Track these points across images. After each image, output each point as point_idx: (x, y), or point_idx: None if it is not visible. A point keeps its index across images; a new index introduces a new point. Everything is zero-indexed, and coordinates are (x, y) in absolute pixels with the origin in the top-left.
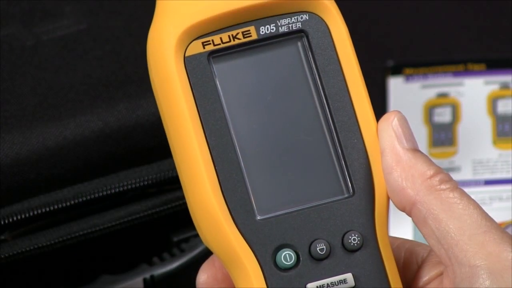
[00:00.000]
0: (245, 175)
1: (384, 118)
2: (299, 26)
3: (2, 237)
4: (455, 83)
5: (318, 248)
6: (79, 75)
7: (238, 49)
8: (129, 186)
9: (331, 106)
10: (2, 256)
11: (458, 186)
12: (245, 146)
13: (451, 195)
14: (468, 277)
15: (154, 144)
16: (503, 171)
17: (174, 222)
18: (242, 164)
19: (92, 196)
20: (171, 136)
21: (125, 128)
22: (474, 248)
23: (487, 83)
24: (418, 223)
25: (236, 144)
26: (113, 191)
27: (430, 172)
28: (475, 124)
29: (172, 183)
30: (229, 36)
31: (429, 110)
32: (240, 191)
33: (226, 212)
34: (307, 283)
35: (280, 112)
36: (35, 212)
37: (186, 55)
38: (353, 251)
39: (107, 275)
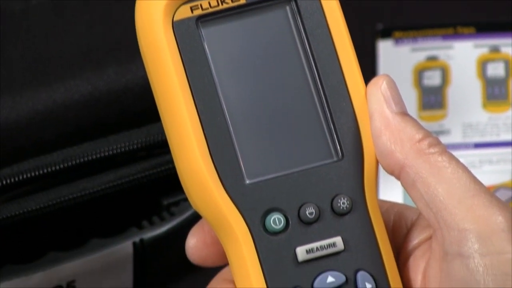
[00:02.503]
0: (234, 139)
1: (373, 82)
2: None
3: None
4: (445, 47)
5: (307, 212)
6: (68, 40)
7: (227, 13)
8: (119, 150)
9: (319, 70)
10: None
11: (446, 150)
12: (233, 110)
13: (439, 158)
14: (456, 241)
15: (144, 108)
16: (492, 134)
17: (163, 186)
18: (230, 128)
19: (82, 160)
20: (160, 101)
21: (114, 92)
22: (462, 212)
23: (476, 46)
24: (407, 187)
25: (225, 109)
26: (102, 155)
27: (418, 135)
28: (465, 88)
29: (161, 147)
30: (217, 0)
31: (419, 73)
32: (229, 155)
33: (215, 176)
34: (296, 247)
35: (269, 77)
36: (24, 176)
37: (174, 19)
38: (342, 214)
39: (97, 239)
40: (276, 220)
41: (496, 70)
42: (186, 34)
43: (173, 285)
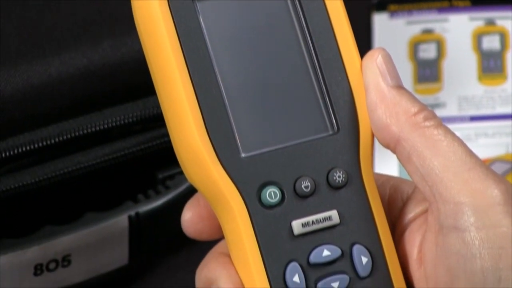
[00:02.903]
0: (230, 112)
1: (368, 55)
2: None
3: None
4: (440, 19)
5: (303, 185)
6: (63, 13)
7: None
8: (114, 124)
9: (315, 44)
10: None
11: (442, 123)
12: (229, 84)
13: (435, 132)
14: (452, 214)
15: (139, 81)
16: (488, 107)
17: (159, 159)
18: (226, 101)
19: (77, 134)
20: (155, 75)
21: (109, 66)
22: (458, 185)
23: (472, 19)
24: (403, 160)
25: (220, 82)
26: (97, 128)
27: (414, 109)
28: (460, 61)
29: (157, 120)
30: None
31: (414, 46)
32: (224, 128)
33: (211, 149)
34: (292, 220)
35: (264, 50)
36: (20, 150)
37: None
38: (337, 188)
39: (92, 213)
40: (271, 194)
41: (491, 43)
42: (181, 8)
43: (169, 258)
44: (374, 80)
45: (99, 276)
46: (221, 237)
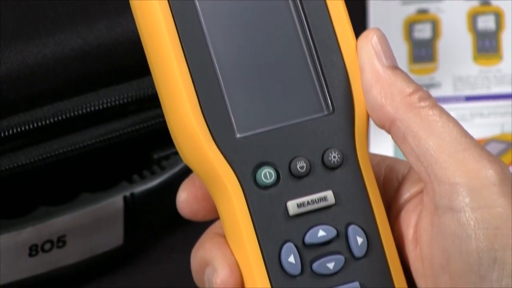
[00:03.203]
0: (225, 93)
1: (363, 35)
2: None
3: None
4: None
5: (298, 166)
6: None
7: None
8: (109, 104)
9: (310, 24)
10: None
11: (437, 104)
12: (224, 64)
13: (430, 112)
14: (447, 195)
15: (134, 61)
16: (483, 87)
17: (154, 140)
18: (221, 82)
19: (72, 114)
20: (150, 56)
21: (104, 46)
22: (453, 166)
23: None
24: (398, 141)
25: (215, 63)
26: (92, 109)
27: (409, 89)
28: (455, 41)
29: (152, 101)
30: None
31: (409, 26)
32: (219, 109)
33: (206, 130)
34: (287, 201)
35: (259, 31)
36: (15, 131)
37: None
38: (333, 168)
39: (87, 193)
40: (267, 174)
41: (486, 23)
42: None
43: (164, 239)
44: (369, 60)
45: (94, 257)
46: (216, 218)
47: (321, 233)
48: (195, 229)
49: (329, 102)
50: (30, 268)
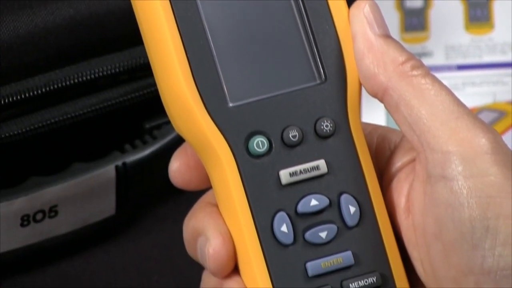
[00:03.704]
0: (217, 62)
1: (356, 4)
2: None
3: None
4: None
5: (290, 135)
6: None
7: None
8: (101, 73)
9: None
10: None
11: (429, 72)
12: (216, 34)
13: (423, 81)
14: (440, 163)
15: (126, 31)
16: (475, 56)
17: (146, 109)
18: (213, 51)
19: (64, 84)
20: (142, 25)
21: (96, 15)
22: (446, 134)
23: None
24: (390, 109)
25: (208, 32)
26: (84, 78)
27: (401, 58)
28: (447, 9)
29: (144, 70)
30: None
31: None
32: (211, 78)
33: (198, 99)
34: (280, 170)
35: (251, 1)
36: (6, 101)
37: None
38: (325, 137)
39: (79, 163)
40: (259, 143)
41: None
42: None
43: (156, 208)
44: (362, 29)
45: (86, 227)
46: (208, 187)
47: (314, 202)
48: (187, 198)
49: (321, 71)
50: (22, 238)
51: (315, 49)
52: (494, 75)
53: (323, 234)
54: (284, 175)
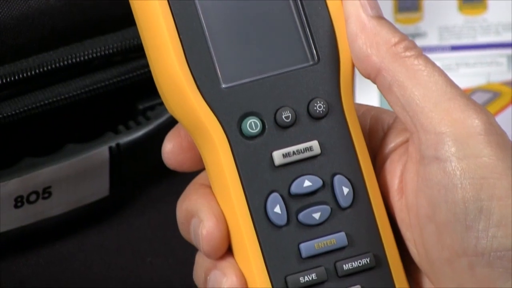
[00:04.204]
0: (210, 43)
1: None
2: None
3: None
4: None
5: (283, 116)
6: None
7: None
8: (94, 55)
9: None
10: None
11: (422, 53)
12: (209, 14)
13: (415, 62)
14: (433, 144)
15: (119, 12)
16: (469, 36)
17: (139, 90)
18: (206, 32)
19: (57, 65)
20: (135, 7)
21: None
22: (439, 115)
23: None
24: (383, 90)
25: (201, 13)
26: (78, 59)
27: (394, 39)
28: None
29: (137, 51)
30: None
31: None
32: (204, 60)
33: (191, 80)
34: (273, 151)
35: None
36: (0, 82)
37: None
38: (318, 118)
39: (73, 144)
40: (252, 124)
41: None
42: None
43: (149, 190)
44: (355, 10)
45: (80, 208)
46: (202, 168)
47: (307, 183)
48: (180, 180)
49: (314, 52)
50: (15, 219)
51: (308, 31)
52: (488, 55)
53: (316, 215)
54: (277, 156)
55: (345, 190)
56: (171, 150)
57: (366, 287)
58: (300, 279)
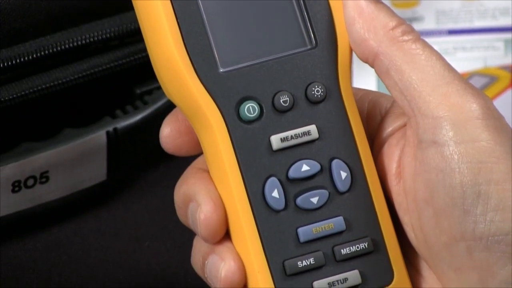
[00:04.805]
0: (208, 28)
1: None
2: None
3: None
4: None
5: (281, 100)
6: None
7: None
8: (91, 39)
9: None
10: None
11: (420, 38)
12: None
13: (413, 46)
14: (431, 128)
15: None
16: (466, 20)
17: (137, 75)
18: (204, 17)
19: (55, 50)
20: None
21: None
22: (437, 99)
23: None
24: (381, 75)
25: None
26: (75, 44)
27: (392, 23)
28: None
29: (134, 35)
30: None
31: None
32: (202, 44)
33: (189, 65)
34: (271, 135)
35: None
36: None
37: None
38: (316, 102)
39: (70, 129)
40: (250, 109)
41: None
42: None
43: (147, 174)
44: None
45: (77, 192)
46: (199, 153)
47: (305, 167)
48: (178, 164)
49: (312, 36)
50: (13, 204)
51: (306, 15)
52: (485, 40)
53: (314, 200)
54: (275, 140)
55: (343, 174)
56: (169, 134)
57: (364, 271)
58: (298, 263)
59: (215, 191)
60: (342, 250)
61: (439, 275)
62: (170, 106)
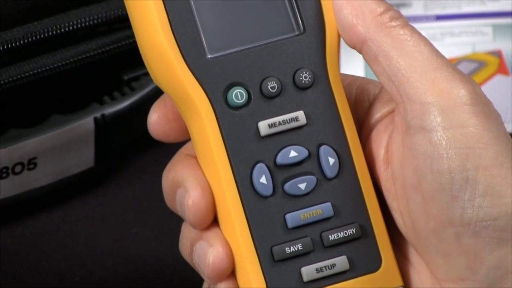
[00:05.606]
0: (196, 13)
1: None
2: None
3: None
4: None
5: (269, 86)
6: None
7: None
8: (79, 25)
9: None
10: None
11: (408, 23)
12: None
13: (401, 32)
14: (419, 114)
15: None
16: (454, 6)
17: (124, 61)
18: (192, 3)
19: (42, 36)
20: None
21: None
22: (425, 85)
23: None
24: (369, 60)
25: None
26: (62, 30)
27: (380, 9)
28: None
29: (122, 22)
30: None
31: None
32: (190, 30)
33: (176, 50)
34: (259, 121)
35: None
36: None
37: None
38: (304, 88)
39: (58, 115)
40: (238, 95)
41: None
42: None
43: (135, 160)
44: None
45: (65, 179)
46: (187, 139)
47: (293, 153)
48: (166, 150)
49: (300, 22)
50: (0, 190)
51: (293, 1)
52: (473, 25)
53: (302, 186)
54: (263, 126)
55: (331, 160)
56: (157, 120)
57: (351, 257)
58: (286, 249)
59: (203, 177)
60: (330, 236)
61: (427, 261)
62: (157, 92)
